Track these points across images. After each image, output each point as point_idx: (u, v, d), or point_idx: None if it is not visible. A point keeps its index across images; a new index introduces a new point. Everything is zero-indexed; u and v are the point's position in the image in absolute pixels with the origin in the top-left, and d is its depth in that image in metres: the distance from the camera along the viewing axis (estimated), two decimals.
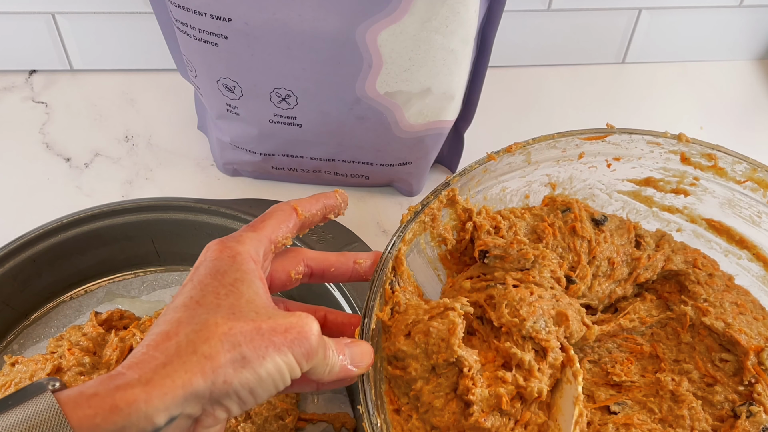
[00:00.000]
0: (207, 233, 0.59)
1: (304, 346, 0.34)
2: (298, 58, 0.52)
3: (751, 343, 0.49)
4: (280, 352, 0.33)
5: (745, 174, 0.52)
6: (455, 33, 0.51)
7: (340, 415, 0.53)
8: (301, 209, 0.42)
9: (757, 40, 0.79)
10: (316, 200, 0.43)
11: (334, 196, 0.44)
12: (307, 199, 0.43)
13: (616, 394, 0.50)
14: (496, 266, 0.50)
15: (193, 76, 0.58)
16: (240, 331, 0.33)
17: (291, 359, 0.34)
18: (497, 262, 0.50)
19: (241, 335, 0.33)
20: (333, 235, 0.57)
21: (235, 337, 0.32)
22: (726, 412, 0.48)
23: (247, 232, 0.39)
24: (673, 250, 0.54)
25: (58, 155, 0.70)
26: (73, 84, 0.75)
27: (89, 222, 0.57)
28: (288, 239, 0.41)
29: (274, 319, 0.34)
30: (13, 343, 0.57)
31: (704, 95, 0.78)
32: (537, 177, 0.54)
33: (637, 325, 0.53)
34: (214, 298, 0.34)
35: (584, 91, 0.78)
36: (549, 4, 0.72)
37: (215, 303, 0.34)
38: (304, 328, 0.35)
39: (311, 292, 0.57)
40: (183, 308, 0.34)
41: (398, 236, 0.47)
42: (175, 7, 0.51)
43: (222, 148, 0.65)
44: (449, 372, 0.43)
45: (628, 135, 0.52)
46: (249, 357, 0.32)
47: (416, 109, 0.57)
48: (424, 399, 0.43)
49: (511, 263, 0.50)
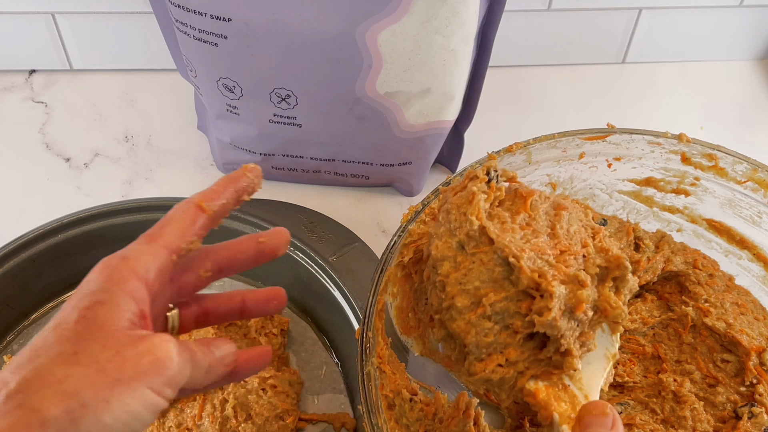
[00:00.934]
0: (207, 233, 0.59)
1: (163, 374, 0.30)
2: (298, 58, 0.52)
3: (752, 343, 0.49)
4: (130, 389, 0.29)
5: (746, 174, 0.52)
6: (455, 33, 0.51)
7: (340, 415, 0.53)
8: (207, 204, 0.37)
9: (757, 40, 0.79)
10: (224, 187, 0.39)
11: (243, 175, 0.39)
12: (213, 189, 0.38)
13: (618, 395, 0.50)
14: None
15: (193, 76, 0.58)
16: (78, 376, 0.29)
17: (147, 394, 0.30)
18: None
19: (79, 380, 0.28)
20: (333, 235, 0.57)
21: (71, 384, 0.28)
22: (728, 413, 0.48)
23: (140, 245, 0.35)
24: (673, 251, 0.54)
25: (58, 155, 0.70)
26: (73, 84, 0.75)
27: (89, 222, 0.57)
28: (196, 243, 0.37)
29: (122, 352, 0.30)
30: (12, 343, 0.57)
31: (704, 95, 0.78)
32: (537, 177, 0.54)
33: (639, 325, 0.53)
34: (62, 333, 0.30)
35: (584, 91, 0.78)
36: (549, 4, 0.72)
37: (60, 342, 0.30)
38: (158, 355, 0.30)
39: (311, 291, 0.57)
40: (29, 350, 0.30)
41: (399, 236, 0.47)
42: (175, 7, 0.51)
43: (222, 148, 0.65)
44: (484, 256, 0.36)
45: (629, 135, 0.52)
46: (89, 404, 0.28)
47: (416, 109, 0.57)
48: (450, 289, 0.37)
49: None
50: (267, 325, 0.56)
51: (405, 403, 0.42)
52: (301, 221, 0.58)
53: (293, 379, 0.53)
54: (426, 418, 0.41)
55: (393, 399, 0.42)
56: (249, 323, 0.55)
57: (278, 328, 0.56)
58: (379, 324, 0.44)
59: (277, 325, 0.56)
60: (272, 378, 0.52)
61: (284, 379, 0.52)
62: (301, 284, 0.57)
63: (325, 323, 0.58)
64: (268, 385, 0.52)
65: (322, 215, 0.59)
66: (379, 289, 0.44)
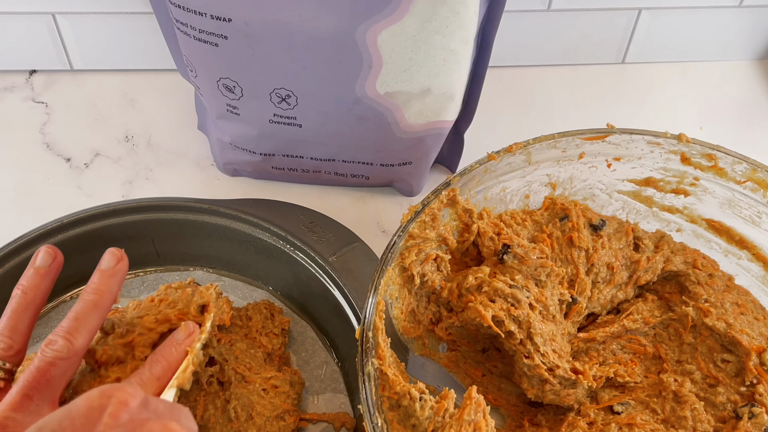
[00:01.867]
0: (207, 233, 0.59)
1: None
2: (298, 58, 0.52)
3: (752, 343, 0.49)
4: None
5: (745, 174, 0.52)
6: (455, 33, 0.51)
7: (340, 415, 0.53)
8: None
9: (757, 40, 0.79)
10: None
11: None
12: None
13: (619, 395, 0.50)
14: (513, 267, 0.50)
15: (193, 76, 0.58)
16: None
17: None
18: (515, 263, 0.50)
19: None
20: (333, 235, 0.57)
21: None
22: (728, 413, 0.48)
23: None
24: (673, 251, 0.54)
25: (58, 155, 0.70)
26: (73, 84, 0.75)
27: (89, 222, 0.57)
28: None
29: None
30: None
31: (704, 95, 0.78)
32: (537, 177, 0.54)
33: (641, 325, 0.53)
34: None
35: (584, 91, 0.78)
36: (549, 4, 0.72)
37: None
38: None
39: (311, 291, 0.57)
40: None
41: (399, 236, 0.47)
42: (175, 7, 0.51)
43: (222, 148, 0.65)
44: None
45: (629, 135, 0.52)
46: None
47: (416, 110, 0.57)
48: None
49: (528, 267, 0.49)
50: (268, 325, 0.56)
51: (415, 402, 0.42)
52: (301, 221, 0.58)
53: (294, 379, 0.53)
54: (436, 415, 0.42)
55: (399, 400, 0.43)
56: (250, 323, 0.55)
57: (279, 328, 0.56)
58: (380, 324, 0.44)
59: (278, 324, 0.56)
60: (274, 378, 0.52)
61: (285, 380, 0.52)
62: (301, 284, 0.58)
63: (325, 323, 0.58)
64: (270, 386, 0.51)
65: (322, 215, 0.59)
66: (379, 289, 0.44)
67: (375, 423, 0.40)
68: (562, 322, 0.51)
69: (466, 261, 0.53)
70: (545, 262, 0.49)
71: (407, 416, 0.42)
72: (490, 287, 0.48)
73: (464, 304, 0.49)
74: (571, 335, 0.52)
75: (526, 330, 0.48)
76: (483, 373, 0.52)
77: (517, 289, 0.48)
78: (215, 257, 0.60)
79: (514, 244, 0.49)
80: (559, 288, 0.50)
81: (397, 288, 0.48)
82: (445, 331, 0.51)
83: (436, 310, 0.51)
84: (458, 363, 0.52)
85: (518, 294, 0.48)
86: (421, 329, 0.51)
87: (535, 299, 0.49)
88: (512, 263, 0.50)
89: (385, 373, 0.43)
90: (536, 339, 0.47)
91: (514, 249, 0.49)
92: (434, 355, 0.52)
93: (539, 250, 0.50)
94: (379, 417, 0.41)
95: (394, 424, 0.42)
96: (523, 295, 0.48)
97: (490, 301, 0.48)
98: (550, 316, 0.50)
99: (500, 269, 0.50)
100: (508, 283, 0.48)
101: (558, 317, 0.50)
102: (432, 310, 0.51)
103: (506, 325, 0.47)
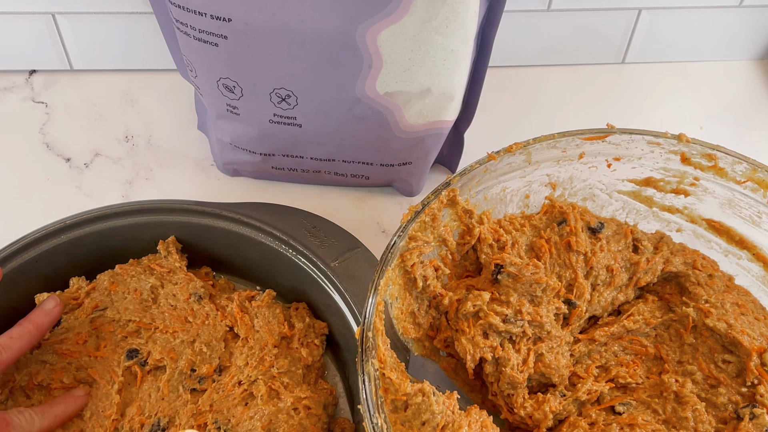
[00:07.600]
0: (209, 236, 0.59)
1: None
2: (298, 58, 0.52)
3: (753, 344, 0.49)
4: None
5: (746, 174, 0.52)
6: (455, 33, 0.51)
7: (340, 420, 0.52)
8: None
9: (757, 40, 0.79)
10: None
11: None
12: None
13: (621, 395, 0.50)
14: (508, 285, 0.50)
15: (193, 77, 0.58)
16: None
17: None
18: (509, 281, 0.50)
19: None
20: (335, 240, 0.57)
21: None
22: (729, 414, 0.48)
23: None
24: (672, 251, 0.54)
25: (58, 155, 0.70)
26: (73, 84, 0.75)
27: (92, 223, 0.57)
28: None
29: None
30: None
31: (704, 95, 0.78)
32: (537, 177, 0.54)
33: (642, 326, 0.53)
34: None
35: (584, 91, 0.78)
36: (549, 4, 0.72)
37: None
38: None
39: (313, 296, 0.57)
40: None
41: (399, 236, 0.47)
42: (175, 7, 0.51)
43: (222, 149, 0.65)
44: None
45: (629, 135, 0.52)
46: None
47: (416, 109, 0.57)
48: None
49: (523, 285, 0.49)
50: (309, 334, 0.54)
51: (430, 397, 0.43)
52: (304, 225, 0.57)
53: (329, 401, 0.52)
54: (447, 409, 0.43)
55: (408, 400, 0.43)
56: (294, 331, 0.54)
57: (320, 338, 0.54)
58: (380, 325, 0.44)
59: (319, 333, 0.54)
60: (308, 399, 0.50)
61: (320, 402, 0.51)
62: (302, 289, 0.57)
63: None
64: (302, 406, 0.49)
65: (325, 220, 0.59)
66: (379, 289, 0.44)
67: (375, 423, 0.40)
68: (559, 334, 0.51)
69: (465, 265, 0.53)
70: (539, 278, 0.49)
71: (418, 414, 0.42)
72: (485, 320, 0.48)
73: (458, 326, 0.49)
74: (571, 343, 0.52)
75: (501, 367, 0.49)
76: (482, 383, 0.52)
77: (511, 324, 0.49)
78: (217, 260, 0.60)
79: (507, 264, 0.49)
80: (555, 302, 0.50)
81: (398, 289, 0.48)
82: (443, 342, 0.51)
83: (436, 315, 0.51)
84: (457, 371, 0.53)
85: (512, 329, 0.49)
86: (421, 332, 0.51)
87: (530, 320, 0.49)
88: (507, 282, 0.50)
89: (388, 377, 0.43)
90: (506, 370, 0.49)
91: (507, 268, 0.49)
92: (435, 356, 0.52)
93: (533, 266, 0.49)
94: (379, 417, 0.41)
95: (397, 425, 0.42)
96: (517, 327, 0.49)
97: (483, 335, 0.49)
98: (544, 333, 0.50)
99: (496, 288, 0.50)
100: (503, 316, 0.49)
101: (554, 332, 0.50)
102: (432, 314, 0.51)
103: (487, 366, 0.49)
